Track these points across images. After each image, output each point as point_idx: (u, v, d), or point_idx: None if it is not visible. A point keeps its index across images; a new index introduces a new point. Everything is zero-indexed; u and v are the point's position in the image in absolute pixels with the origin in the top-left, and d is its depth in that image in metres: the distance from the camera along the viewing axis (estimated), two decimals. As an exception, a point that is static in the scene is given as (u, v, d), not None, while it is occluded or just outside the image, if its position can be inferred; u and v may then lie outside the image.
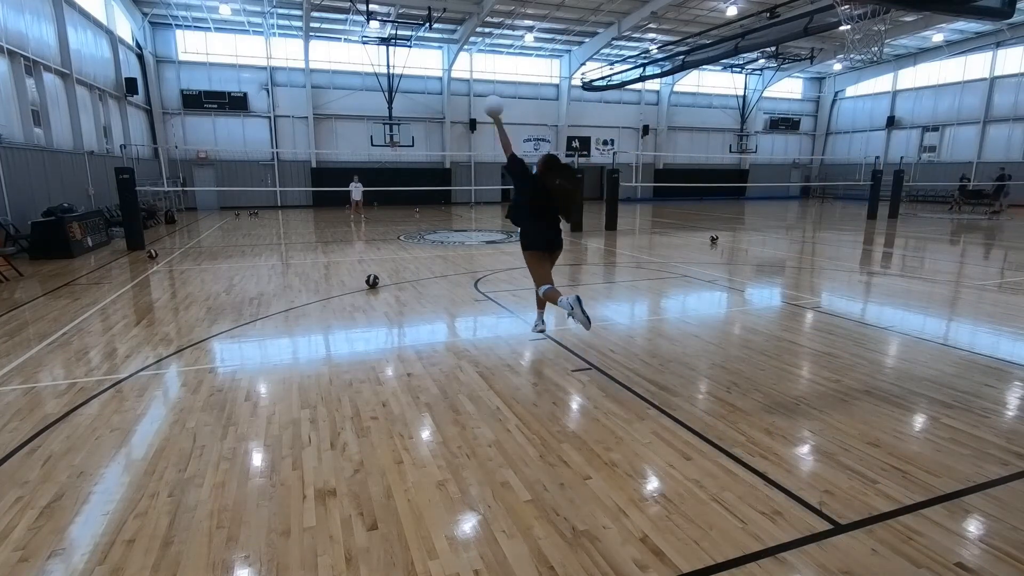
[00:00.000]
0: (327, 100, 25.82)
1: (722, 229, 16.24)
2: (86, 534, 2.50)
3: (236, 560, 2.32)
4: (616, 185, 15.97)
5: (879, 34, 15.17)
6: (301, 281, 8.41)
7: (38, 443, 3.36)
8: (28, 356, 5.00)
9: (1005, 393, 4.12)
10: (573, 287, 8.10)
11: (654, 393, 4.10)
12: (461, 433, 3.47)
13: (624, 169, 23.43)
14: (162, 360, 4.89)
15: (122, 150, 15.37)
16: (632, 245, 12.84)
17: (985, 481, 2.90)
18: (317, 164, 26.10)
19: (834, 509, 2.65)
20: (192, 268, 9.66)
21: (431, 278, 8.60)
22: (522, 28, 24.52)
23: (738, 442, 3.33)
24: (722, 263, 10.21)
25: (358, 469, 3.04)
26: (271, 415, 3.74)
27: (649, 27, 24.41)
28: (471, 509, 2.67)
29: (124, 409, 3.85)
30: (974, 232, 15.53)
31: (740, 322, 6.23)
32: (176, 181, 22.43)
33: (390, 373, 4.54)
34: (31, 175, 12.38)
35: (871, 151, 29.71)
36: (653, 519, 2.59)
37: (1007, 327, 5.86)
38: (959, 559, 2.31)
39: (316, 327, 5.97)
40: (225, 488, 2.85)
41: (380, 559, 2.33)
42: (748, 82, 32.12)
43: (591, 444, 3.32)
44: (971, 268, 9.72)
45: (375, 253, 11.36)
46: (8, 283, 8.40)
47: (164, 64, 23.49)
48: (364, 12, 19.38)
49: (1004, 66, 26.39)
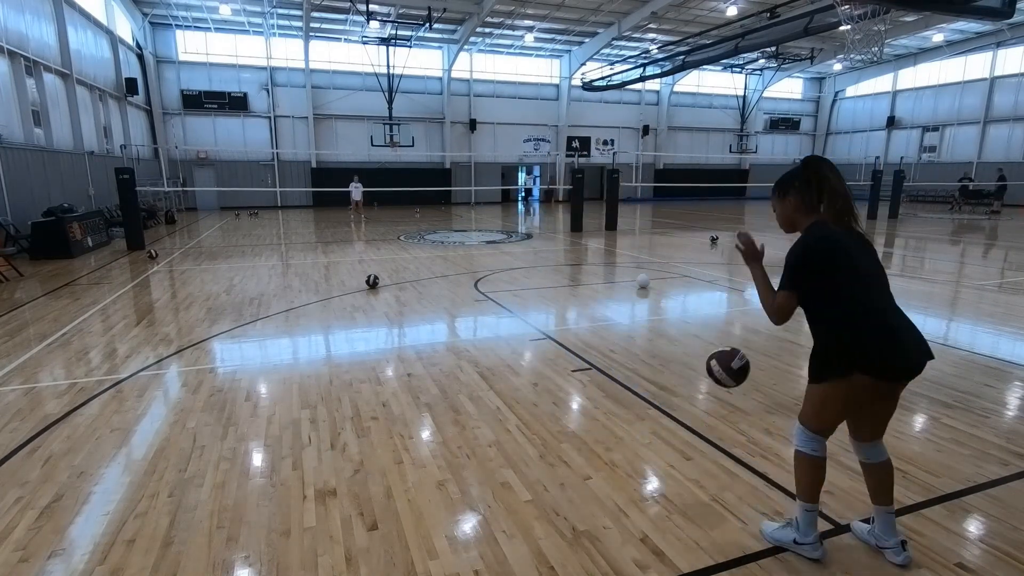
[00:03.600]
0: (327, 100, 25.82)
1: (722, 229, 16.24)
2: (86, 534, 2.50)
3: (236, 560, 2.32)
4: (616, 185, 15.97)
5: (879, 34, 15.17)
6: (301, 281, 8.41)
7: (38, 443, 3.36)
8: (28, 356, 5.00)
9: (1005, 393, 4.12)
10: (573, 287, 8.11)
11: (654, 393, 4.10)
12: (461, 433, 3.47)
13: (624, 169, 23.42)
14: (162, 360, 4.89)
15: (122, 150, 15.37)
16: (632, 245, 12.84)
17: (985, 481, 2.90)
18: (317, 164, 26.10)
19: (834, 509, 2.64)
20: (192, 268, 9.66)
21: (431, 278, 8.60)
22: (522, 28, 24.52)
23: (738, 442, 3.33)
24: (722, 263, 10.21)
25: (358, 469, 3.04)
26: (271, 415, 3.74)
27: (649, 27, 24.41)
28: (471, 509, 2.67)
29: (124, 409, 3.85)
30: (974, 232, 15.52)
31: (740, 322, 6.22)
32: (176, 181, 22.43)
33: (390, 373, 4.54)
34: (31, 175, 12.38)
35: (871, 151, 29.72)
36: (653, 519, 2.59)
37: (1007, 327, 5.86)
38: (959, 559, 2.31)
39: (316, 327, 5.97)
40: (225, 488, 2.85)
41: (380, 559, 2.33)
42: (748, 82, 32.12)
43: (591, 444, 3.32)
44: (971, 268, 9.72)
45: (375, 253, 11.36)
46: (8, 283, 8.41)
47: (164, 64, 23.49)
48: (364, 12, 19.38)
49: (1004, 66, 26.39)
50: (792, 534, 2.33)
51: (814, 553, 2.28)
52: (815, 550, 2.28)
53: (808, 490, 2.27)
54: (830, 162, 2.20)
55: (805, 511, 2.28)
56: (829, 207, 2.15)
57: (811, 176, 2.18)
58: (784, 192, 2.27)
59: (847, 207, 2.14)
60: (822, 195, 2.16)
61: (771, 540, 2.40)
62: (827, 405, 2.20)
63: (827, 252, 2.10)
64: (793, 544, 2.32)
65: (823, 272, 2.10)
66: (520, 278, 8.55)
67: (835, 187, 2.14)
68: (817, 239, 2.13)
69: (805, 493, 2.28)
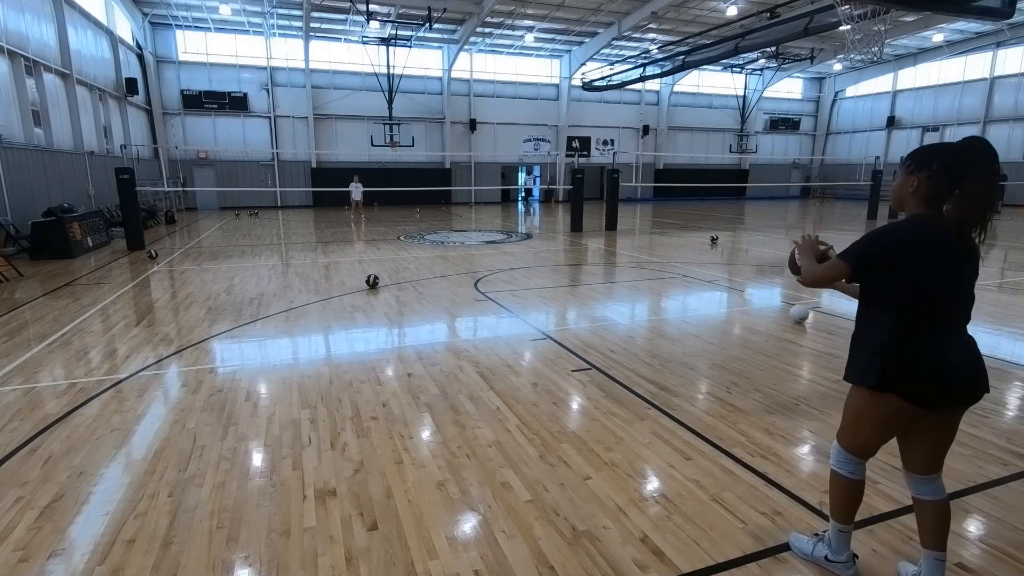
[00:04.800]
0: (327, 100, 25.82)
1: (722, 229, 16.24)
2: (86, 534, 2.50)
3: (236, 560, 2.32)
4: (616, 185, 15.97)
5: (879, 34, 15.18)
6: (301, 281, 8.41)
7: (38, 443, 3.36)
8: (28, 356, 5.00)
9: (1005, 393, 4.12)
10: (573, 287, 8.11)
11: (654, 393, 4.10)
12: (461, 433, 3.47)
13: (624, 169, 23.41)
14: (162, 360, 4.89)
15: (122, 150, 15.39)
16: (632, 245, 12.84)
17: (985, 481, 2.90)
18: (317, 164, 26.09)
19: (834, 509, 2.64)
20: (192, 268, 9.66)
21: (431, 278, 8.60)
22: (522, 28, 24.52)
23: (738, 442, 3.33)
24: (722, 263, 10.21)
25: (358, 469, 3.04)
26: (271, 415, 3.74)
27: (649, 27, 24.40)
28: (471, 509, 2.67)
29: (124, 409, 3.85)
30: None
31: (740, 322, 6.22)
32: (176, 181, 22.42)
33: (390, 373, 4.54)
34: (31, 175, 12.38)
35: (871, 151, 29.69)
36: (653, 519, 2.59)
37: (1007, 327, 5.86)
38: (959, 559, 2.31)
39: (316, 327, 5.96)
40: (225, 488, 2.85)
41: (380, 559, 2.33)
42: (748, 82, 32.12)
43: (591, 444, 3.31)
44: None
45: (375, 253, 11.36)
46: (8, 283, 8.40)
47: (164, 64, 23.49)
48: (364, 12, 19.37)
49: (1004, 66, 26.39)
50: (824, 550, 2.22)
51: (847, 572, 2.17)
52: (848, 568, 2.18)
53: (842, 511, 2.15)
54: (993, 155, 1.80)
55: (839, 531, 2.17)
56: (956, 210, 1.84)
57: (957, 170, 1.82)
58: (915, 168, 1.92)
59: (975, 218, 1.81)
60: (951, 195, 1.84)
61: (801, 555, 2.30)
62: (862, 422, 2.02)
63: (889, 248, 1.88)
64: (825, 561, 2.22)
65: (879, 268, 1.91)
66: (520, 278, 8.55)
67: (978, 193, 1.79)
68: (888, 232, 1.91)
69: (838, 513, 2.16)
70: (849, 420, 2.07)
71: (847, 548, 2.19)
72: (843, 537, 2.17)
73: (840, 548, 2.19)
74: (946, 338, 1.88)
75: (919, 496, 2.06)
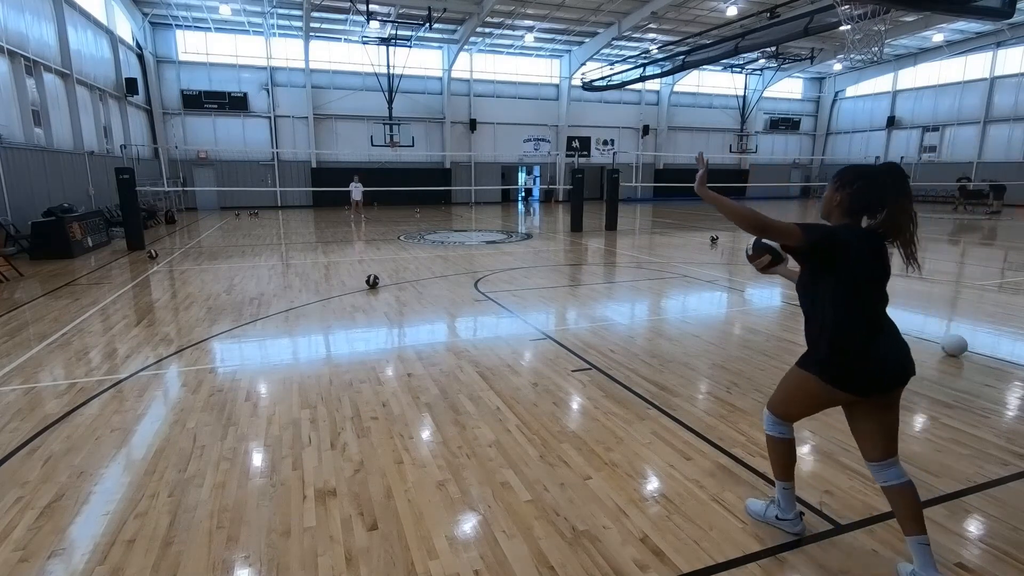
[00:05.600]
0: (327, 100, 25.82)
1: (722, 229, 16.23)
2: (86, 534, 2.50)
3: (236, 560, 2.32)
4: (616, 185, 15.97)
5: (879, 34, 15.17)
6: (301, 281, 8.41)
7: (38, 443, 3.36)
8: (28, 356, 5.00)
9: (1005, 393, 4.12)
10: (573, 287, 8.11)
11: (654, 393, 4.10)
12: (461, 433, 3.47)
13: (624, 169, 23.43)
14: (162, 360, 4.89)
15: (122, 150, 15.39)
16: (632, 245, 12.84)
17: (985, 481, 2.90)
18: (317, 164, 26.10)
19: (834, 509, 2.65)
20: (192, 268, 9.66)
21: (431, 278, 8.60)
22: (522, 28, 24.52)
23: (738, 442, 3.33)
24: (722, 263, 10.21)
25: (358, 469, 3.04)
26: (271, 415, 3.74)
27: (649, 27, 24.41)
28: (471, 509, 2.67)
29: (124, 409, 3.85)
30: (974, 232, 15.52)
31: (740, 322, 6.22)
32: (176, 181, 22.44)
33: (390, 373, 4.54)
34: (31, 175, 12.38)
35: (871, 151, 29.74)
36: (653, 519, 2.59)
37: (1007, 327, 5.86)
38: (959, 559, 2.31)
39: (316, 327, 5.96)
40: (225, 488, 2.85)
41: (380, 559, 2.33)
42: (748, 82, 32.11)
43: (591, 444, 3.32)
44: (971, 268, 9.72)
45: (375, 253, 11.36)
46: (8, 283, 8.41)
47: (164, 64, 23.49)
48: (364, 12, 19.38)
49: (1004, 66, 26.40)
50: (775, 511, 2.49)
51: (794, 528, 2.44)
52: (795, 525, 2.44)
53: (782, 470, 2.42)
54: (905, 178, 2.10)
55: (783, 489, 2.44)
56: (884, 224, 2.11)
57: (875, 190, 2.11)
58: (840, 186, 2.17)
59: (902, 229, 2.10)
60: (871, 212, 2.13)
61: (754, 516, 2.57)
62: (795, 397, 2.31)
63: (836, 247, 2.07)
64: (775, 520, 2.48)
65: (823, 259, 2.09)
66: (520, 278, 8.55)
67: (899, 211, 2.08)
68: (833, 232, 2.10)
69: (780, 472, 2.43)
70: (786, 393, 2.35)
71: (794, 506, 2.45)
72: (788, 495, 2.44)
73: (788, 506, 2.45)
74: (877, 330, 2.12)
75: (884, 483, 2.19)
